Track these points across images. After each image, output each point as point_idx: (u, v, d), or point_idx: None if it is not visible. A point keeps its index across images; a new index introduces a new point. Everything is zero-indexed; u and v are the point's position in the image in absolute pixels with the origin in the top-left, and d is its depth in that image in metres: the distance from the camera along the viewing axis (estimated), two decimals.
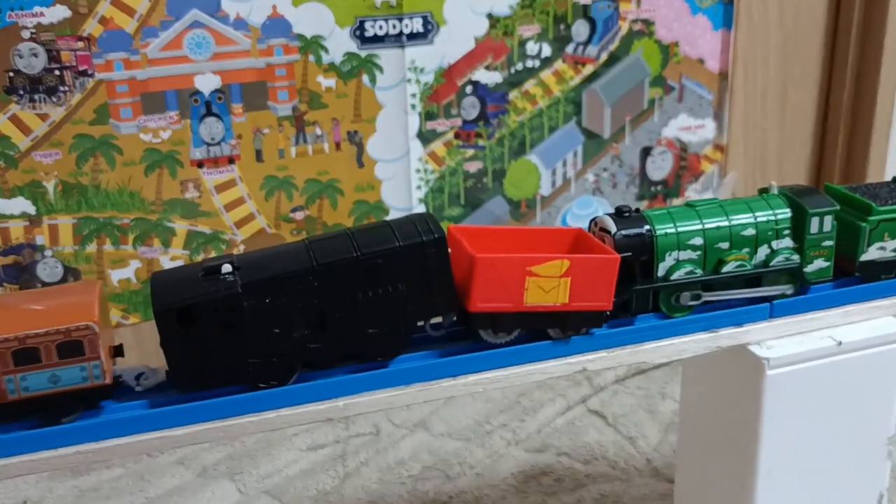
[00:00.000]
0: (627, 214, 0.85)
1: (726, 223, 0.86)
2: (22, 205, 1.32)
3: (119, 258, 1.40)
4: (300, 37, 1.39)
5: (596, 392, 1.48)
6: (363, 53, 1.43)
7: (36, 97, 1.28)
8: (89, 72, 1.30)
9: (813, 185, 1.78)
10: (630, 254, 0.84)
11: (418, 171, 1.53)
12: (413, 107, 1.49)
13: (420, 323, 0.79)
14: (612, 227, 0.84)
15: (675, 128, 1.71)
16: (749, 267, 0.87)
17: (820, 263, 0.88)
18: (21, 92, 1.28)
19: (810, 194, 0.89)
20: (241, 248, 1.46)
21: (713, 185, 1.79)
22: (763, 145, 1.82)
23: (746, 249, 0.87)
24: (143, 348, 1.39)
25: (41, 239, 1.35)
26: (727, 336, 0.87)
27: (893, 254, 0.91)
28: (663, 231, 0.84)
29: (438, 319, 0.81)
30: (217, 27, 1.34)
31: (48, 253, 1.35)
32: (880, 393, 0.92)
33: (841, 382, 0.89)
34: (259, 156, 1.43)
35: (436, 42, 1.47)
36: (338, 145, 1.47)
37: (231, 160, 1.41)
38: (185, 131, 1.37)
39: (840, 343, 0.88)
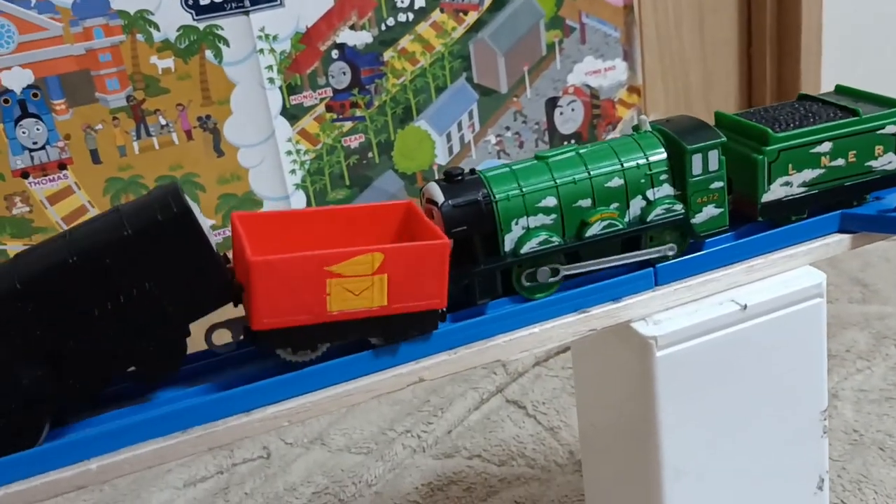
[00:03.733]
0: (460, 178, 0.67)
1: (585, 175, 0.68)
2: None
3: None
4: (122, 13, 1.20)
5: (514, 379, 1.31)
6: (201, 25, 1.24)
7: None
8: None
9: None
10: (464, 228, 0.66)
11: (289, 153, 1.35)
12: (271, 80, 1.31)
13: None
14: (440, 197, 0.66)
15: (582, 73, 1.53)
16: (621, 226, 0.69)
17: (711, 211, 0.71)
18: None
19: (691, 127, 0.71)
20: None
21: None
22: (684, 81, 1.65)
23: (615, 205, 0.69)
24: None
25: None
26: (602, 315, 0.69)
27: (803, 189, 0.74)
28: (504, 194, 0.67)
29: (227, 338, 0.64)
30: (17, 12, 1.14)
31: None
32: (805, 359, 0.75)
33: (752, 354, 0.73)
34: (95, 156, 1.24)
35: (286, 3, 1.28)
36: (188, 134, 1.28)
37: (62, 165, 1.22)
38: None
39: (745, 307, 0.71)
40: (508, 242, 0.67)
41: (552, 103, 1.53)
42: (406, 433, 1.21)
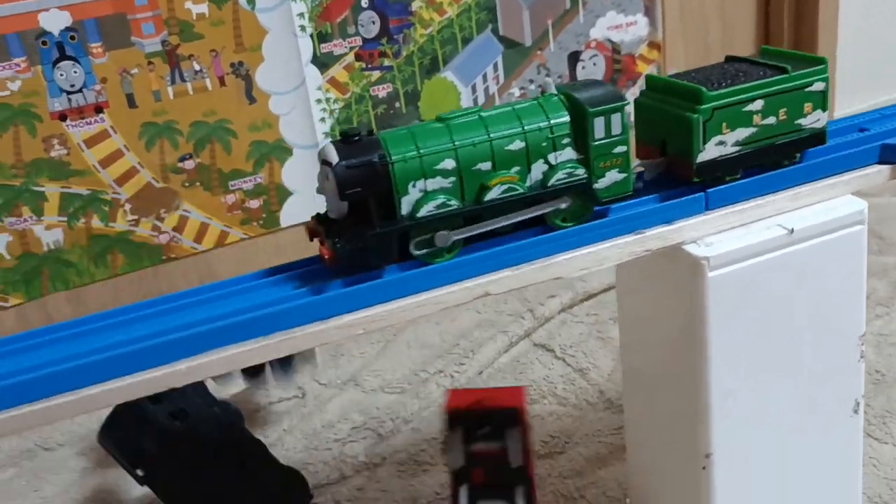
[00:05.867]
0: (357, 139, 0.66)
1: (485, 137, 0.67)
2: None
3: None
4: None
5: (541, 324, 1.34)
6: None
7: None
8: None
9: None
10: (359, 190, 0.64)
11: (319, 101, 1.36)
12: (302, 28, 1.32)
13: None
14: (334, 158, 0.64)
15: (604, 27, 1.55)
16: (522, 190, 0.68)
17: (614, 176, 0.70)
18: None
19: (596, 90, 0.70)
20: (127, 206, 1.29)
21: None
22: (704, 37, 1.67)
23: (516, 168, 0.68)
24: None
25: None
26: (656, 236, 0.72)
27: (736, 148, 0.73)
28: (401, 156, 0.65)
29: None
30: None
31: None
32: (846, 285, 0.78)
33: (798, 278, 0.75)
34: (131, 100, 1.25)
35: None
36: (221, 80, 1.29)
37: (98, 109, 1.23)
38: (38, 80, 1.19)
39: (792, 231, 0.73)
40: (405, 205, 0.66)
41: (574, 57, 1.54)
42: (438, 373, 1.24)
